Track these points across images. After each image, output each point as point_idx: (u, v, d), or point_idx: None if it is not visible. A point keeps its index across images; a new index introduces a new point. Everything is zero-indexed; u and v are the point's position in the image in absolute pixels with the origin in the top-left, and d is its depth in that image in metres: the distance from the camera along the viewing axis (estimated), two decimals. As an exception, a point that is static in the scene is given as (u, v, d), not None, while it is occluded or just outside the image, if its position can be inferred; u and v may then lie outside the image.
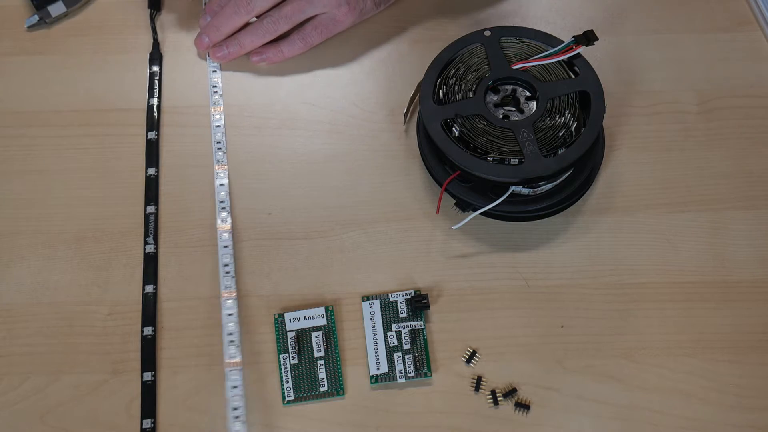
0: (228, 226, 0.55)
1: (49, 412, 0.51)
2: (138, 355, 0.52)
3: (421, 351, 0.52)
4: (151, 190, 0.57)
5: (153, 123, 0.60)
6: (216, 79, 0.61)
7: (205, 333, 0.53)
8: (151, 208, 0.56)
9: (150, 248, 0.55)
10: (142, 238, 0.56)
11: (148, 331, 0.53)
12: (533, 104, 0.53)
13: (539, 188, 0.53)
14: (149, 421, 0.50)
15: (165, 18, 0.65)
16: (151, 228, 0.56)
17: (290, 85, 0.62)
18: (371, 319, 0.53)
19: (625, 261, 0.54)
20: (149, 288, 0.54)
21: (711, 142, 0.58)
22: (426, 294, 0.53)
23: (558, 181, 0.54)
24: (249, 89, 0.61)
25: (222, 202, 0.56)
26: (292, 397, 0.51)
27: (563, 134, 0.52)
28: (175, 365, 0.52)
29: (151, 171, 0.58)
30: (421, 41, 0.63)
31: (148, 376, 0.51)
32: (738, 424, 0.50)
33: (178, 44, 0.64)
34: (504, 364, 0.52)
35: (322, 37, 0.61)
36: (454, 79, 0.54)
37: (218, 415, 0.51)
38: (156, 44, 0.63)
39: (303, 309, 0.53)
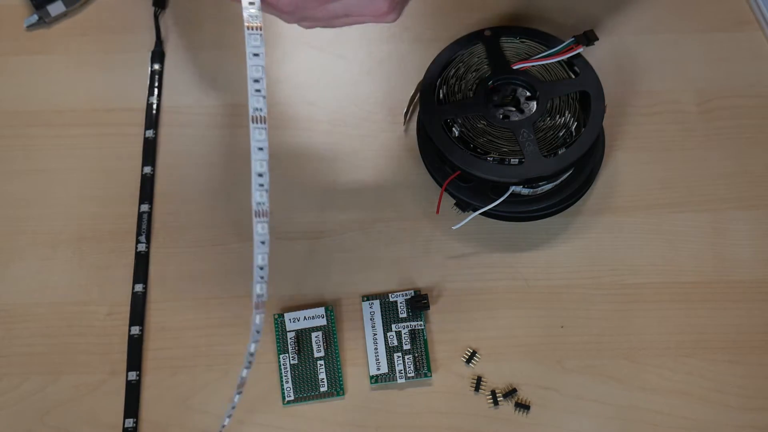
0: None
1: (49, 412, 0.51)
2: (138, 355, 0.52)
3: (421, 351, 0.52)
4: (146, 189, 0.57)
5: (151, 121, 0.59)
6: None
7: (205, 333, 0.53)
8: (144, 207, 0.56)
9: (142, 247, 0.55)
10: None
11: (135, 330, 0.53)
12: (533, 104, 0.53)
13: (539, 188, 0.53)
14: (131, 420, 0.50)
15: (169, 16, 0.65)
16: (143, 227, 0.56)
17: (290, 86, 0.62)
18: (371, 320, 0.53)
19: (625, 261, 0.54)
20: (139, 287, 0.54)
21: (711, 142, 0.58)
22: (426, 294, 0.53)
23: (558, 181, 0.54)
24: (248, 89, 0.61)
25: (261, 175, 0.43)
26: (292, 398, 0.51)
27: (563, 134, 0.52)
28: (174, 365, 0.52)
29: (147, 169, 0.58)
30: (421, 41, 0.63)
31: (132, 375, 0.51)
32: (738, 424, 0.50)
33: (182, 43, 0.63)
34: (504, 364, 0.52)
35: None
36: (454, 79, 0.54)
37: (217, 416, 0.51)
38: (159, 42, 0.63)
39: (303, 309, 0.53)
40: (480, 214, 0.53)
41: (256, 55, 0.40)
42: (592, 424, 0.50)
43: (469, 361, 0.52)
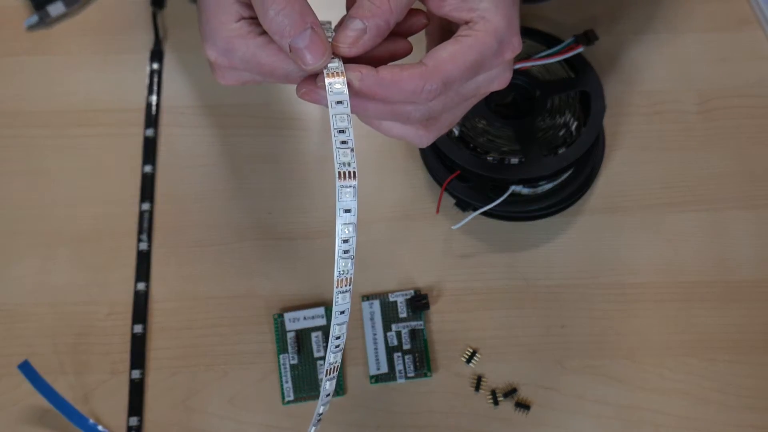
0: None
1: (48, 413, 0.51)
2: (138, 355, 0.52)
3: (421, 351, 0.52)
4: (147, 188, 0.57)
5: (151, 120, 0.59)
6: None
7: (205, 333, 0.53)
8: (145, 206, 0.56)
9: (143, 246, 0.55)
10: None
11: (138, 329, 0.53)
12: (533, 104, 0.53)
13: (539, 188, 0.53)
14: (135, 419, 0.50)
15: (168, 16, 0.65)
16: (145, 225, 0.56)
17: (290, 85, 0.61)
18: (371, 319, 0.53)
19: (625, 261, 0.54)
20: (141, 286, 0.54)
21: (711, 141, 0.58)
22: (426, 294, 0.53)
23: (558, 181, 0.54)
24: (248, 89, 0.61)
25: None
26: (292, 398, 0.51)
27: (563, 134, 0.52)
28: (174, 365, 0.52)
29: (148, 168, 0.58)
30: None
31: (136, 373, 0.51)
32: (738, 424, 0.50)
33: (181, 43, 0.63)
34: (504, 364, 0.52)
35: None
36: (454, 78, 0.54)
37: (217, 416, 0.51)
38: (158, 42, 0.63)
39: (303, 309, 0.53)
40: (480, 213, 0.53)
41: (339, 102, 0.36)
42: (593, 424, 0.50)
43: (469, 360, 0.52)
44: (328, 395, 0.39)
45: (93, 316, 0.54)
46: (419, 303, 0.52)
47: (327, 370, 0.38)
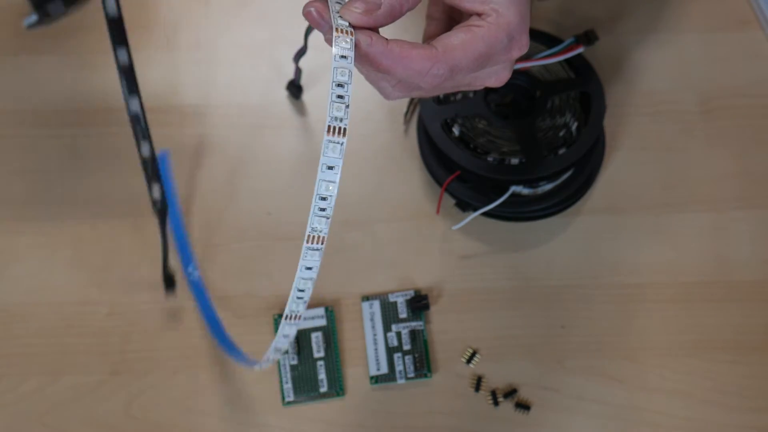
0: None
1: (48, 413, 0.51)
2: (137, 356, 0.52)
3: (421, 351, 0.52)
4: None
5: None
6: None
7: (205, 333, 0.53)
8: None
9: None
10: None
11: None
12: (533, 104, 0.53)
13: (539, 188, 0.53)
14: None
15: (169, 16, 0.64)
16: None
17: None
18: (371, 320, 0.53)
19: (625, 261, 0.54)
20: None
21: (711, 141, 0.58)
22: (426, 294, 0.53)
23: (558, 181, 0.54)
24: (248, 89, 0.61)
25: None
26: (292, 398, 0.51)
27: (563, 134, 0.52)
28: (174, 366, 0.52)
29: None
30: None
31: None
32: (739, 424, 0.50)
33: (181, 43, 0.63)
34: (504, 364, 0.52)
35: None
36: (455, 78, 0.54)
37: (217, 416, 0.51)
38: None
39: (303, 309, 0.53)
40: (480, 214, 0.53)
41: (344, 57, 0.35)
42: (593, 425, 0.50)
43: (469, 361, 0.52)
44: (285, 336, 0.38)
45: (93, 316, 0.54)
46: (419, 303, 0.52)
47: (288, 316, 0.36)
